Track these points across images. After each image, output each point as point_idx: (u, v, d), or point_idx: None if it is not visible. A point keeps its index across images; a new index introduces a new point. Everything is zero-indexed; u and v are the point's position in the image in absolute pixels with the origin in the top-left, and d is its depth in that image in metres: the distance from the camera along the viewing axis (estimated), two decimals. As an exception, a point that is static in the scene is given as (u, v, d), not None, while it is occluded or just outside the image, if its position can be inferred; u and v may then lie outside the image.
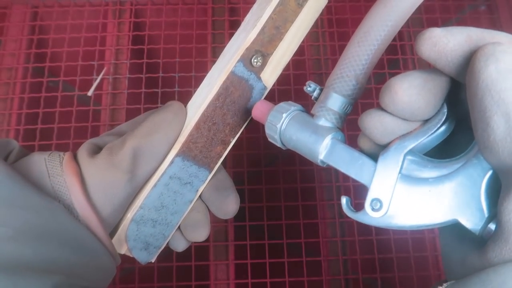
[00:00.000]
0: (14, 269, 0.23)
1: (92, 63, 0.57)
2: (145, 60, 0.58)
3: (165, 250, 0.34)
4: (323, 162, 0.25)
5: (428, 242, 0.53)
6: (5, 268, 0.23)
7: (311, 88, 0.27)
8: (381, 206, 0.22)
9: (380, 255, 0.51)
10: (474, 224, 0.21)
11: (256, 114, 0.29)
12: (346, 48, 0.25)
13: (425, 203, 0.22)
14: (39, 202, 0.26)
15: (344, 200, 0.24)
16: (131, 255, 0.33)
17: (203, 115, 0.30)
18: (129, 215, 0.31)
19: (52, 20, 0.60)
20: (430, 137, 0.22)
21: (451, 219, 0.21)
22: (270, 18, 0.30)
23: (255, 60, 0.30)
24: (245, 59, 0.30)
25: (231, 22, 0.62)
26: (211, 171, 0.33)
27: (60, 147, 0.53)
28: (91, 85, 0.57)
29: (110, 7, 0.61)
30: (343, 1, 0.62)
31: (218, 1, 0.62)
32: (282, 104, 0.28)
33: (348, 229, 0.54)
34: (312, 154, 0.25)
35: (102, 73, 0.58)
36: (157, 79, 0.57)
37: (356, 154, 0.24)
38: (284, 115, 0.27)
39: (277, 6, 0.30)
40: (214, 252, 0.53)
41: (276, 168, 0.57)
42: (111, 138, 0.31)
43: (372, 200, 0.23)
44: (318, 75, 0.59)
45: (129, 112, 0.57)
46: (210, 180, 0.33)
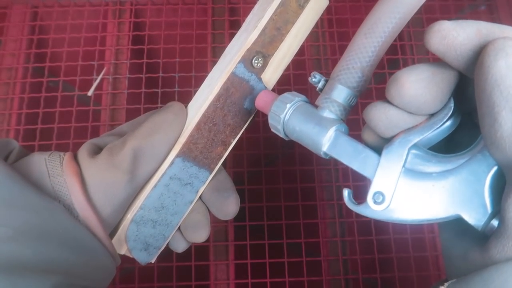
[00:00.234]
0: (14, 269, 0.23)
1: (92, 63, 0.57)
2: (145, 60, 0.57)
3: (165, 250, 0.34)
4: (326, 154, 0.25)
5: (428, 242, 0.53)
6: (4, 268, 0.23)
7: (316, 79, 0.27)
8: (383, 199, 0.22)
9: (380, 255, 0.51)
10: (476, 220, 0.20)
11: (260, 104, 0.29)
12: (352, 40, 0.25)
13: (428, 197, 0.22)
14: (39, 202, 0.26)
15: (346, 192, 0.24)
16: (131, 256, 0.33)
17: (203, 116, 0.30)
18: (129, 216, 0.31)
19: (52, 20, 0.60)
20: (435, 131, 0.22)
21: (453, 214, 0.21)
22: (271, 19, 0.30)
23: (256, 61, 0.30)
24: (246, 60, 0.30)
25: (231, 22, 0.62)
26: (212, 172, 0.33)
27: (60, 147, 0.53)
28: (91, 85, 0.57)
29: (110, 7, 0.61)
30: (343, 1, 0.62)
31: (218, 1, 0.62)
32: (286, 94, 0.27)
33: (348, 229, 0.54)
34: (315, 145, 0.25)
35: (102, 73, 0.58)
36: (157, 79, 0.57)
37: (360, 146, 0.24)
38: (288, 106, 0.26)
39: (278, 7, 0.30)
40: (214, 252, 0.53)
41: (276, 168, 0.57)
42: (112, 139, 0.31)
43: (375, 193, 0.22)
44: (318, 75, 0.59)
45: (129, 112, 0.57)
46: (211, 181, 0.33)
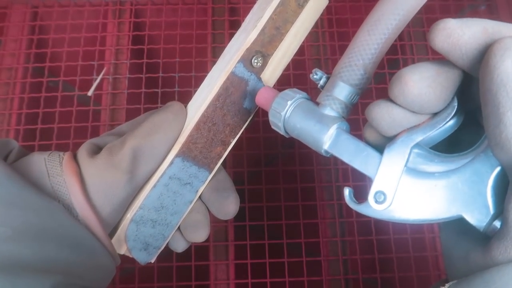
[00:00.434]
0: (13, 268, 0.23)
1: (92, 63, 0.57)
2: (145, 60, 0.57)
3: (165, 250, 0.34)
4: (327, 152, 0.25)
5: (428, 242, 0.53)
6: (3, 268, 0.23)
7: (318, 76, 0.27)
8: (385, 198, 0.22)
9: (380, 255, 0.51)
10: (478, 220, 0.20)
11: (260, 100, 0.29)
12: (355, 37, 0.25)
13: (430, 197, 0.21)
14: (38, 201, 0.26)
15: (347, 191, 0.23)
16: (131, 256, 0.33)
17: (203, 115, 0.30)
18: (128, 215, 0.31)
19: (52, 20, 0.60)
20: (438, 130, 0.22)
21: (455, 214, 0.21)
22: (271, 18, 0.30)
23: (256, 60, 0.30)
24: (245, 60, 0.30)
25: (231, 22, 0.62)
26: (211, 172, 0.33)
27: (60, 147, 0.53)
28: (91, 85, 0.57)
29: (110, 7, 0.61)
30: (343, 1, 0.62)
31: (218, 1, 0.62)
32: (287, 91, 0.27)
33: (348, 229, 0.54)
34: (316, 143, 0.25)
35: (102, 73, 0.58)
36: (157, 79, 0.57)
37: (361, 145, 0.24)
38: (289, 103, 0.26)
39: (277, 6, 0.30)
40: (214, 252, 0.53)
41: (276, 168, 0.57)
42: (111, 138, 0.31)
43: (376, 192, 0.22)
44: (318, 75, 0.59)
45: (129, 112, 0.57)
46: (210, 180, 0.33)
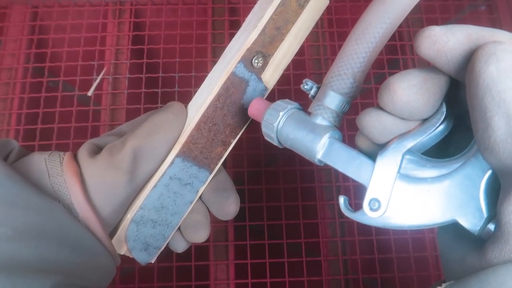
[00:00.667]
0: (13, 269, 0.23)
1: (92, 63, 0.57)
2: (145, 60, 0.57)
3: (165, 250, 0.34)
4: (320, 161, 0.25)
5: (428, 242, 0.53)
6: (4, 268, 0.23)
7: (308, 86, 0.27)
8: (379, 206, 0.22)
9: (380, 255, 0.51)
10: (473, 224, 0.20)
11: (253, 112, 0.29)
12: (343, 46, 0.25)
13: (423, 203, 0.22)
14: (38, 202, 0.26)
15: (342, 199, 0.24)
16: (131, 256, 0.33)
17: (203, 115, 0.30)
18: (129, 216, 0.31)
19: (52, 20, 0.60)
20: (428, 136, 0.22)
21: (450, 219, 0.21)
22: (271, 18, 0.30)
23: (256, 61, 0.30)
24: (246, 60, 0.30)
25: (231, 22, 0.62)
26: (212, 172, 0.33)
27: (60, 147, 0.53)
28: (91, 85, 0.57)
29: (110, 7, 0.61)
30: (343, 1, 0.62)
31: (218, 1, 0.62)
32: (279, 102, 0.27)
33: (348, 229, 0.54)
34: (310, 153, 0.25)
35: (102, 73, 0.58)
36: (157, 79, 0.57)
37: (354, 153, 0.24)
38: (281, 114, 0.26)
39: (278, 6, 0.30)
40: (214, 252, 0.53)
41: (276, 168, 0.57)
42: (112, 139, 0.31)
43: (371, 200, 0.22)
44: (318, 75, 0.59)
45: (129, 112, 0.57)
46: (211, 181, 0.33)
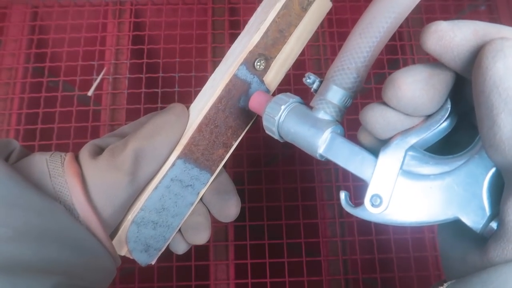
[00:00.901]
0: (14, 269, 0.23)
1: (92, 63, 0.57)
2: (145, 60, 0.57)
3: (165, 250, 0.34)
4: (322, 156, 0.25)
5: (428, 242, 0.53)
6: (4, 268, 0.23)
7: (311, 80, 0.27)
8: (381, 202, 0.22)
9: (380, 255, 0.51)
10: (475, 222, 0.20)
11: (254, 105, 0.29)
12: (347, 40, 0.25)
13: (426, 200, 0.21)
14: (39, 202, 0.26)
15: (343, 195, 0.23)
16: (131, 257, 0.33)
17: (205, 117, 0.30)
18: (129, 217, 0.31)
19: (52, 20, 0.60)
20: (432, 132, 0.22)
21: (452, 216, 0.21)
22: (274, 21, 0.30)
23: (258, 63, 0.30)
24: (248, 62, 0.30)
25: (231, 22, 0.62)
26: (213, 174, 0.33)
27: (60, 147, 0.53)
28: (91, 85, 0.57)
29: (110, 7, 0.61)
30: (343, 1, 0.62)
31: (218, 1, 0.62)
32: (281, 95, 0.27)
33: (348, 229, 0.54)
34: (311, 147, 0.25)
35: (102, 73, 0.58)
36: (157, 79, 0.57)
37: (356, 148, 0.24)
38: (283, 107, 0.26)
39: (281, 9, 0.29)
40: (214, 252, 0.53)
41: (276, 168, 0.57)
42: (113, 139, 0.31)
43: (372, 196, 0.22)
44: (318, 75, 0.59)
45: (129, 112, 0.57)
46: (212, 183, 0.33)
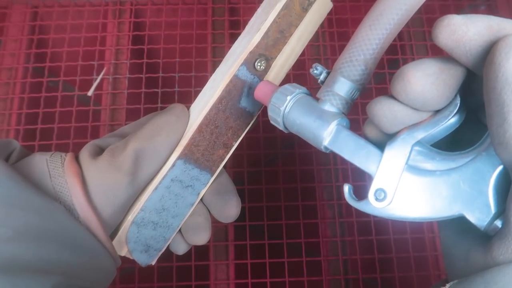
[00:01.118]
0: (13, 269, 0.23)
1: (92, 63, 0.57)
2: (145, 60, 0.57)
3: (165, 250, 0.34)
4: (326, 148, 0.24)
5: (428, 242, 0.53)
6: (4, 268, 0.23)
7: (318, 71, 0.26)
8: (385, 196, 0.22)
9: (380, 255, 0.51)
10: (479, 219, 0.20)
11: (259, 95, 0.28)
12: (356, 31, 0.24)
13: (430, 195, 0.21)
14: (39, 202, 0.26)
15: (347, 188, 0.23)
16: (131, 257, 0.32)
17: (205, 118, 0.30)
18: (130, 217, 0.31)
19: (52, 20, 0.60)
20: (439, 128, 0.22)
21: (456, 213, 0.21)
22: (275, 22, 0.30)
23: (259, 64, 0.30)
24: (248, 63, 0.30)
25: (231, 22, 0.62)
26: (213, 174, 0.33)
27: (60, 147, 0.53)
28: (91, 85, 0.57)
29: (110, 7, 0.61)
30: (343, 1, 0.62)
31: (218, 1, 0.62)
32: (287, 86, 0.27)
33: (348, 229, 0.54)
34: (316, 139, 0.24)
35: (102, 73, 0.58)
36: (157, 79, 0.57)
37: (362, 142, 0.23)
38: (289, 98, 0.26)
39: (281, 10, 0.29)
40: (214, 252, 0.53)
41: (276, 168, 0.57)
42: (114, 140, 0.31)
43: (377, 190, 0.22)
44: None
45: (129, 112, 0.57)
46: (212, 183, 0.33)
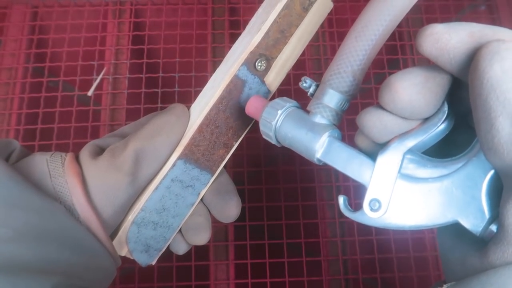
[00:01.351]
0: (14, 269, 0.23)
1: (92, 63, 0.57)
2: (145, 60, 0.57)
3: (165, 250, 0.34)
4: (319, 160, 0.25)
5: (428, 242, 0.53)
6: (4, 268, 0.23)
7: (307, 84, 0.26)
8: (380, 206, 0.22)
9: (380, 255, 0.51)
10: (474, 225, 0.20)
11: (250, 110, 0.28)
12: (343, 43, 0.24)
13: (425, 203, 0.21)
14: (39, 202, 0.26)
15: (342, 199, 0.23)
16: (132, 257, 0.32)
17: (206, 118, 0.30)
18: (130, 217, 0.31)
19: (52, 20, 0.60)
20: (429, 135, 0.22)
21: (451, 219, 0.21)
22: (275, 21, 0.29)
23: (259, 63, 0.30)
24: (249, 63, 0.30)
25: (231, 22, 0.62)
26: (213, 175, 0.33)
27: (60, 147, 0.53)
28: (91, 85, 0.57)
29: (110, 7, 0.61)
30: (343, 1, 0.62)
31: (218, 1, 0.62)
32: (277, 100, 0.27)
33: (348, 229, 0.54)
34: (309, 152, 0.25)
35: (102, 73, 0.58)
36: (157, 79, 0.57)
37: (354, 152, 0.23)
38: (279, 112, 0.26)
39: (282, 10, 0.29)
40: (214, 252, 0.53)
41: (276, 168, 0.57)
42: (114, 140, 0.31)
43: (371, 200, 0.22)
44: (318, 75, 0.59)
45: (129, 112, 0.57)
46: (212, 183, 0.33)
